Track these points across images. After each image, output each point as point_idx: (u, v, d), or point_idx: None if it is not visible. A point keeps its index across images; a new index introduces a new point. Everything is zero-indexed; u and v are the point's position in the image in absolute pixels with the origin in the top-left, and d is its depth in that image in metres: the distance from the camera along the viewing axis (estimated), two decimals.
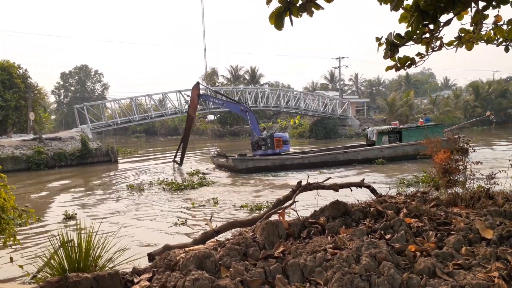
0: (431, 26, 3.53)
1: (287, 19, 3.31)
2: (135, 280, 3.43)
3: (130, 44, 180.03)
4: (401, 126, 22.06)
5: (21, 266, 4.51)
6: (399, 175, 15.27)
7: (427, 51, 3.82)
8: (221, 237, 4.70)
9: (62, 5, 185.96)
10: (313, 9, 3.34)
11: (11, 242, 3.75)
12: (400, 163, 19.24)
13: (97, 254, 4.17)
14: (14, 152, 24.93)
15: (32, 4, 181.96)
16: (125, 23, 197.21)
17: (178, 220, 9.59)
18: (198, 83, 21.49)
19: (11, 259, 4.48)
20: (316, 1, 3.27)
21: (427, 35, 3.66)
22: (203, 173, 18.35)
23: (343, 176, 16.28)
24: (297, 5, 3.28)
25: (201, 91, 21.96)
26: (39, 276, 4.29)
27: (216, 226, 4.83)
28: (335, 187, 5.42)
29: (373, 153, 19.76)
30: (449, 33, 3.79)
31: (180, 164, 22.31)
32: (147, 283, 3.30)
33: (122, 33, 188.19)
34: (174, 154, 23.46)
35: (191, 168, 20.18)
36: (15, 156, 24.62)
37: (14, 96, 32.52)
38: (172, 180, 16.29)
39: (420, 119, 24.87)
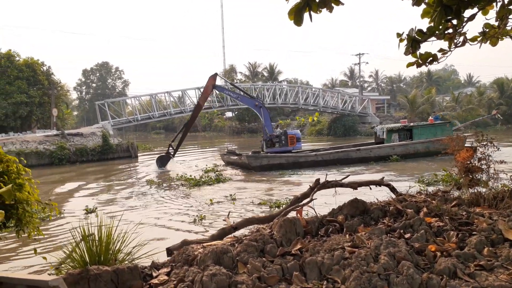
0: (455, 21, 3.44)
1: (306, 15, 3.28)
2: (154, 274, 3.48)
3: (149, 41, 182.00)
4: (411, 124, 22.11)
5: (44, 258, 4.63)
6: (417, 173, 15.04)
7: (450, 47, 3.73)
8: (239, 233, 4.72)
9: (85, 3, 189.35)
10: (332, 4, 3.31)
11: (35, 235, 3.85)
12: (413, 160, 19.19)
13: (117, 248, 4.24)
14: (38, 147, 25.59)
15: (56, 3, 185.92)
16: (145, 20, 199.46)
17: (197, 216, 9.67)
18: (216, 74, 20.94)
19: (35, 251, 4.61)
20: None
21: (450, 30, 3.57)
22: (217, 170, 18.45)
23: (359, 173, 16.11)
24: (317, 0, 3.24)
25: (218, 83, 21.65)
26: (61, 267, 4.40)
27: (233, 222, 4.85)
28: (354, 185, 5.37)
29: (385, 151, 19.83)
30: (473, 28, 3.70)
31: (173, 155, 21.22)
32: (166, 277, 3.35)
33: (142, 31, 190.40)
34: (172, 140, 21.91)
35: (206, 165, 20.32)
36: (39, 151, 25.26)
37: (38, 93, 33.35)
38: (190, 176, 16.44)
39: (430, 117, 24.65)
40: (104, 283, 3.19)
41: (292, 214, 4.66)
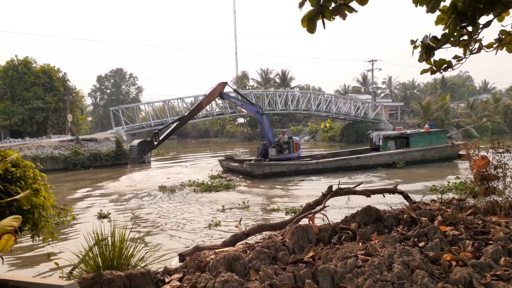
0: (470, 28, 3.41)
1: (319, 22, 3.28)
2: (166, 280, 3.49)
3: (163, 47, 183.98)
4: (408, 131, 22.56)
5: (57, 264, 4.69)
6: (424, 180, 15.04)
7: (465, 54, 3.69)
8: (251, 240, 4.71)
9: (99, 11, 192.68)
10: (346, 12, 3.31)
11: (50, 240, 3.90)
12: (418, 166, 19.59)
13: (129, 252, 4.27)
14: (53, 152, 25.99)
15: (71, 10, 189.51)
16: (158, 27, 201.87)
17: (212, 221, 9.69)
18: (226, 83, 20.78)
19: (49, 256, 4.67)
20: (349, 4, 3.23)
21: (465, 37, 3.54)
22: (221, 177, 18.49)
23: (369, 181, 15.98)
24: (330, 8, 3.25)
25: (226, 91, 21.54)
26: (74, 272, 4.45)
27: (245, 229, 4.85)
28: (367, 193, 5.33)
29: (384, 159, 20.23)
30: (488, 35, 3.66)
31: (156, 145, 20.14)
32: (178, 283, 3.35)
33: (155, 38, 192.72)
34: (160, 130, 21.37)
35: (218, 171, 20.37)
36: (54, 156, 25.64)
37: (54, 99, 33.95)
38: (202, 181, 16.51)
39: (426, 125, 24.96)
40: (117, 287, 3.21)
41: (305, 221, 4.64)
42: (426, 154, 20.83)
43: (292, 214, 9.67)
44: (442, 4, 3.37)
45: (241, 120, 65.00)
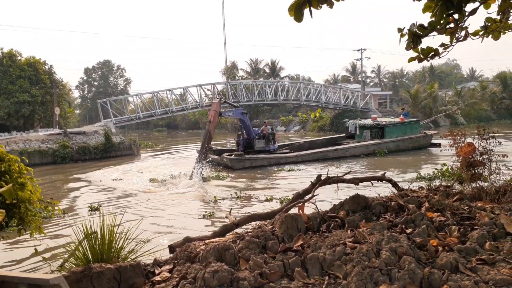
0: (456, 16, 3.42)
1: (306, 11, 3.26)
2: (156, 271, 3.50)
3: (150, 39, 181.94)
4: (383, 121, 23.21)
5: (44, 258, 4.66)
6: (403, 168, 15.47)
7: (451, 41, 3.71)
8: (241, 230, 4.73)
9: (85, 2, 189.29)
10: (333, 0, 3.29)
11: (37, 234, 3.87)
12: (397, 155, 20.54)
13: (119, 245, 4.26)
14: (40, 146, 25.65)
15: (56, 2, 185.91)
16: (144, 18, 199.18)
17: (206, 212, 9.69)
18: (220, 100, 19.60)
19: (36, 250, 4.63)
20: None
21: (452, 25, 3.55)
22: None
23: (357, 170, 16.17)
24: None
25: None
26: (64, 266, 4.42)
27: (235, 219, 4.86)
28: (356, 181, 5.37)
29: (359, 150, 20.83)
30: (474, 22, 3.67)
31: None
32: (168, 275, 3.36)
33: (142, 29, 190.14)
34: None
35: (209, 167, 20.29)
36: (42, 150, 25.32)
37: (40, 92, 33.40)
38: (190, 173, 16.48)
39: (401, 115, 25.53)
40: (107, 280, 3.20)
41: (294, 210, 4.67)
42: (400, 145, 21.64)
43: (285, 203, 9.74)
44: None
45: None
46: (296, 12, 3.29)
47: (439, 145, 22.52)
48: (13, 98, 31.44)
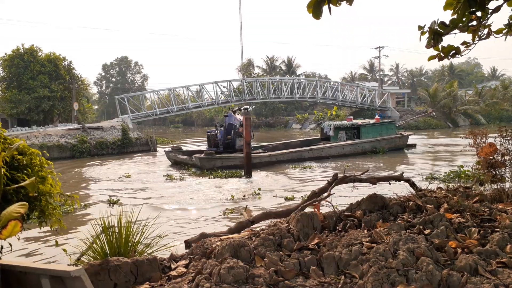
0: (479, 13, 3.34)
1: (325, 7, 3.24)
2: (172, 266, 3.53)
3: (168, 36, 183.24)
4: (359, 122, 23.04)
5: (65, 250, 4.75)
6: (401, 167, 15.01)
7: (473, 39, 3.63)
8: (256, 227, 4.74)
9: (103, 0, 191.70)
10: None
11: (57, 227, 3.95)
12: (397, 154, 20.60)
13: (136, 240, 4.33)
14: (59, 140, 26.16)
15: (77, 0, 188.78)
16: (163, 15, 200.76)
17: (227, 210, 9.72)
18: (247, 110, 18.39)
19: (57, 243, 4.74)
20: None
21: (474, 22, 3.48)
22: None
23: (372, 169, 15.99)
24: None
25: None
26: (82, 259, 4.51)
27: (251, 216, 4.87)
28: (373, 181, 5.32)
29: (335, 150, 20.55)
30: (498, 20, 3.58)
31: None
32: (184, 270, 3.39)
33: (161, 25, 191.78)
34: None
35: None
36: (61, 144, 25.82)
37: (60, 87, 34.05)
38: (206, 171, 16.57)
39: (376, 115, 25.42)
40: (124, 274, 3.25)
41: (310, 208, 4.65)
42: (376, 146, 21.35)
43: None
44: None
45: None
46: (315, 9, 3.26)
47: (414, 146, 22.51)
48: (34, 93, 32.12)
